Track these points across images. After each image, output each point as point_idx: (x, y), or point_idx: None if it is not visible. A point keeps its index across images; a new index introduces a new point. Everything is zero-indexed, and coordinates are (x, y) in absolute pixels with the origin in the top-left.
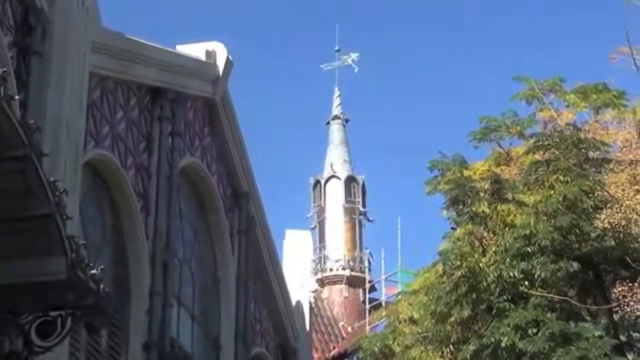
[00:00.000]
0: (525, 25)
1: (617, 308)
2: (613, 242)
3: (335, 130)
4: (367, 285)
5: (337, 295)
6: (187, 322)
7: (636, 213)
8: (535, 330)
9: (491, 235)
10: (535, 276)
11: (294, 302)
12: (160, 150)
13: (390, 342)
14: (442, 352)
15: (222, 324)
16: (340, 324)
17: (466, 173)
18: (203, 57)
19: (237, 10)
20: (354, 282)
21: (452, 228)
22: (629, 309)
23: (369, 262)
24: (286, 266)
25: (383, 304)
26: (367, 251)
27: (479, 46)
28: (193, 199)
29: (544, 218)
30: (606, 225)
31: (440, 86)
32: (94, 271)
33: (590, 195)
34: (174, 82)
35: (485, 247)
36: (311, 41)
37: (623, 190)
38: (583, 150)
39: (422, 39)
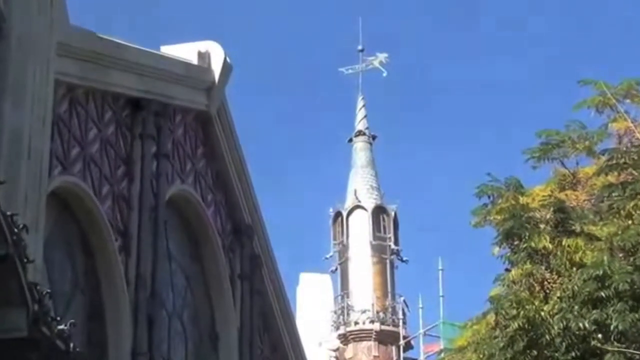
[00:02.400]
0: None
1: None
2: None
3: (360, 149)
4: (402, 342)
5: (364, 354)
6: None
7: None
8: None
9: (555, 276)
10: (611, 327)
11: None
12: (143, 177)
13: None
14: None
15: None
16: None
17: (523, 200)
18: (194, 60)
19: (234, 4)
20: (385, 338)
21: (507, 269)
22: None
23: (404, 313)
24: (301, 319)
25: None
26: (401, 299)
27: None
28: (184, 236)
29: (621, 255)
30: None
31: (488, 93)
32: (61, 326)
33: None
34: (159, 92)
35: (547, 291)
36: (328, 39)
37: None
38: None
39: (462, 33)
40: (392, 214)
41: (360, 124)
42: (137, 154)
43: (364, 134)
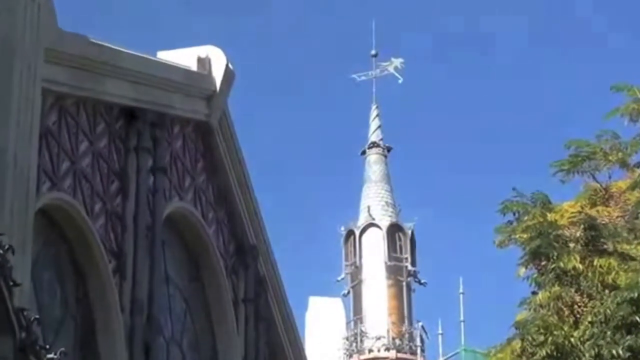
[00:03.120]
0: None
1: None
2: None
3: (374, 163)
4: None
5: None
6: None
7: None
8: None
9: (586, 300)
10: None
11: None
12: (139, 193)
13: None
14: None
15: None
16: None
17: (550, 217)
18: (194, 67)
19: (236, 7)
20: None
21: (533, 292)
22: None
23: (422, 340)
24: (310, 346)
25: None
26: (419, 324)
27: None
28: (183, 257)
29: None
30: None
31: (511, 100)
32: (51, 355)
33: None
34: (155, 101)
35: (578, 316)
36: (339, 44)
37: None
38: None
39: (484, 36)
40: (409, 232)
41: (374, 135)
42: (132, 168)
43: (378, 145)
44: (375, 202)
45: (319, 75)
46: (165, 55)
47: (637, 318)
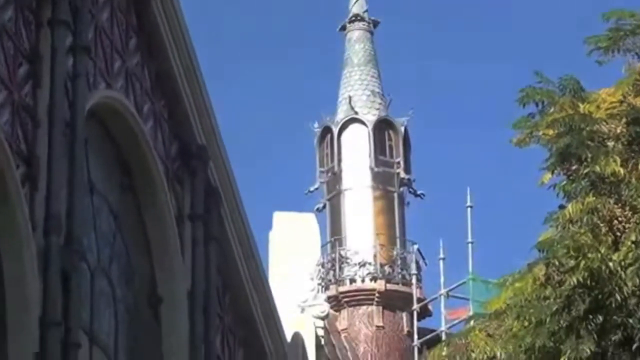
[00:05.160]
0: None
1: None
2: None
3: (356, 41)
4: (416, 306)
5: (363, 323)
6: None
7: None
8: None
9: (628, 213)
10: None
11: (289, 335)
12: (54, 79)
13: None
14: None
15: None
16: None
17: (584, 108)
18: None
19: None
20: (392, 302)
21: (561, 206)
22: None
23: (418, 267)
24: (275, 274)
25: (444, 336)
26: (414, 248)
27: None
28: (113, 162)
29: None
30: None
31: None
32: None
33: None
34: None
35: (618, 234)
36: None
37: None
38: None
39: None
40: (402, 130)
41: (356, 6)
42: (45, 47)
43: (362, 19)
44: (358, 92)
45: None
46: None
47: None
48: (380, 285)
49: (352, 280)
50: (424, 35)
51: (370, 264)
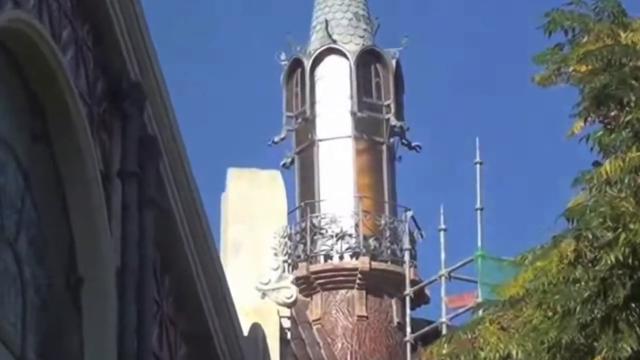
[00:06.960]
0: None
1: None
2: None
3: None
4: (409, 291)
5: (341, 312)
6: None
7: None
8: None
9: None
10: None
11: (245, 327)
12: None
13: None
14: None
15: None
16: None
17: (626, 38)
18: None
19: None
20: (378, 284)
21: (595, 163)
22: None
23: (412, 239)
24: (229, 248)
25: (444, 329)
26: (408, 215)
27: None
28: (21, 102)
29: None
30: None
31: None
32: None
33: None
34: None
35: None
36: None
37: None
38: None
39: None
40: (392, 63)
41: None
42: None
43: None
44: (337, 14)
45: None
46: None
47: None
48: (363, 263)
49: (328, 257)
50: None
51: (350, 235)
